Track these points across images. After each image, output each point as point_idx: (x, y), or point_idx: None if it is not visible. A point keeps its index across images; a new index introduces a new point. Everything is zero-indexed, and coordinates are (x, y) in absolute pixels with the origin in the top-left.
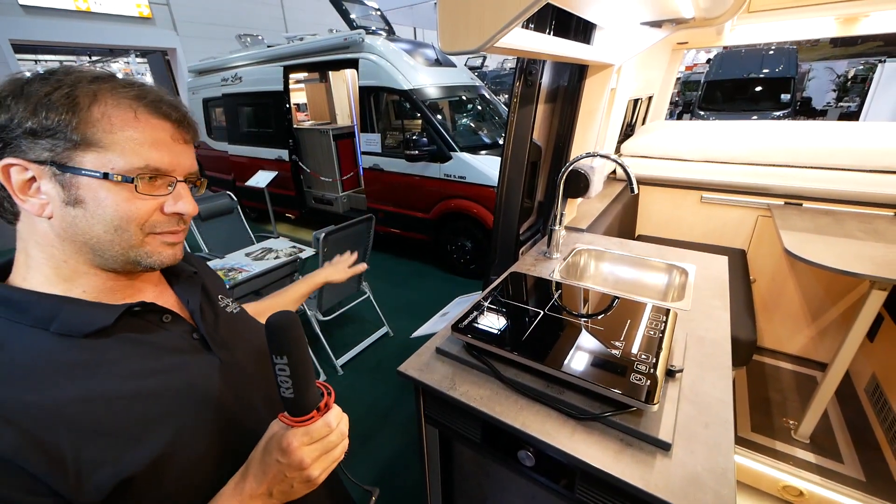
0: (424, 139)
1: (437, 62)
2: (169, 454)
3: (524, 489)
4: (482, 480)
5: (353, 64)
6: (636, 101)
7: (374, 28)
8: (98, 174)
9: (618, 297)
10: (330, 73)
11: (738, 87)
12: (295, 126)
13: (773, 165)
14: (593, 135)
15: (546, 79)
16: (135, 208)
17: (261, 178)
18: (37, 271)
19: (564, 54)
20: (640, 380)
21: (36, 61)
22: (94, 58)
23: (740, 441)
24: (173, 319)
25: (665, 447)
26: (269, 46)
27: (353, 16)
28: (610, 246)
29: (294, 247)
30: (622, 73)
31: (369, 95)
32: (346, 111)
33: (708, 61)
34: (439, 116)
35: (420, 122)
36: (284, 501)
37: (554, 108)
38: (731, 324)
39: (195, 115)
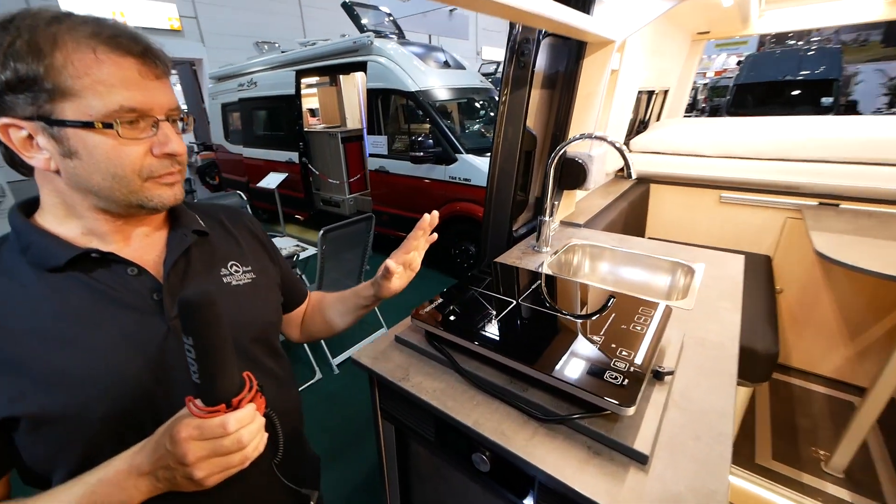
0: (430, 141)
1: (447, 65)
2: (61, 413)
3: (481, 498)
4: (439, 485)
5: (362, 67)
6: (650, 94)
7: (385, 32)
8: (80, 123)
9: (604, 291)
10: (340, 76)
11: (771, 90)
12: (305, 129)
13: (806, 161)
14: (592, 119)
15: (541, 61)
16: (125, 154)
17: (271, 180)
18: (49, 213)
19: (559, 19)
20: (615, 378)
21: None
22: None
23: (758, 469)
24: (139, 273)
25: (641, 459)
26: (283, 52)
27: (364, 21)
28: (608, 242)
29: (297, 245)
30: (626, 54)
31: (377, 98)
32: (356, 115)
33: (738, 63)
34: (445, 118)
35: (427, 124)
36: (173, 490)
37: (552, 95)
38: (748, 332)
39: (214, 120)
